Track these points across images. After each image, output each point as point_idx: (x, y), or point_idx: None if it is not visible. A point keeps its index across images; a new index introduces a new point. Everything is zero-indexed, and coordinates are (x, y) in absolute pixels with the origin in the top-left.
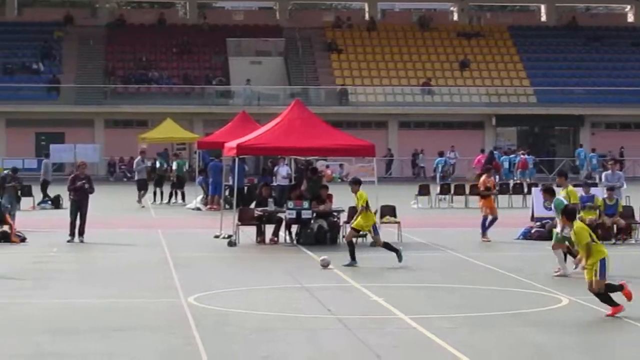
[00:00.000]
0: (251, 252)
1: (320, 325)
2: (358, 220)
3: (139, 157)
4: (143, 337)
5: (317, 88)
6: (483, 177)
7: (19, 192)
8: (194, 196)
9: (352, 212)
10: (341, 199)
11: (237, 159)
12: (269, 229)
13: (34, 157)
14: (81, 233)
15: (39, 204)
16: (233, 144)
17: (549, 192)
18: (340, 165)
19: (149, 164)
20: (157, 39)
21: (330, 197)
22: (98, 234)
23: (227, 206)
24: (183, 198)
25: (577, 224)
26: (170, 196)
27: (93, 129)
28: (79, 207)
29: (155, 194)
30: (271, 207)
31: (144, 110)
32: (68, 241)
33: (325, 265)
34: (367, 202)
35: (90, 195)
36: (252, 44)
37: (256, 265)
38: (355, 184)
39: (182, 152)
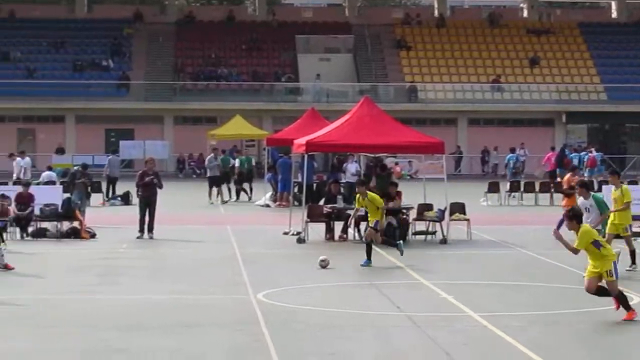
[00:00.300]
0: (320, 249)
1: (388, 322)
2: (370, 220)
3: (211, 154)
4: (211, 333)
5: (386, 85)
6: (567, 176)
7: (89, 189)
8: (263, 193)
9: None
10: (410, 196)
11: (306, 156)
12: (338, 226)
13: (103, 154)
14: (150, 229)
15: (108, 200)
16: (302, 140)
17: (585, 187)
18: (410, 162)
19: (219, 160)
20: (226, 36)
21: (399, 194)
22: (167, 230)
23: (296, 203)
24: (238, 195)
25: (584, 227)
26: (238, 193)
27: (162, 126)
28: (148, 204)
29: (218, 191)
30: (340, 204)
31: (213, 107)
32: (137, 237)
33: (324, 266)
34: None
35: (159, 192)
36: (321, 40)
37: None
38: (361, 185)
39: (247, 149)
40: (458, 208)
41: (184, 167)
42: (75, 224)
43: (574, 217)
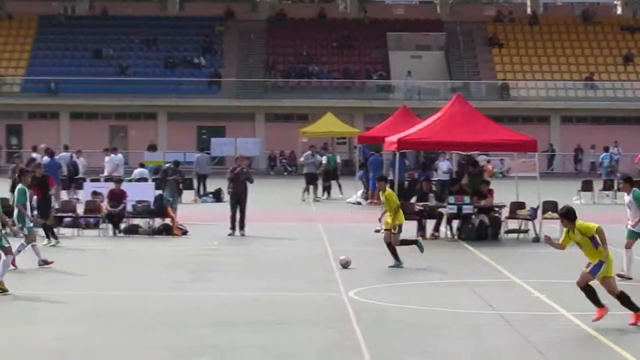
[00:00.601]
0: (411, 247)
1: (481, 321)
2: (387, 220)
3: (308, 152)
4: (303, 330)
5: (478, 83)
6: None
7: (181, 186)
8: (354, 191)
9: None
10: (502, 194)
11: (397, 154)
12: (430, 224)
13: (195, 151)
14: (242, 226)
15: (200, 197)
16: (394, 138)
17: (629, 182)
18: (501, 160)
19: (318, 158)
20: (318, 33)
21: (491, 192)
22: (258, 227)
23: None
24: (328, 193)
25: (580, 223)
26: (324, 190)
27: (254, 123)
28: (239, 201)
29: (308, 189)
30: (432, 201)
31: (305, 104)
32: (229, 234)
33: (345, 265)
34: (399, 205)
35: (250, 189)
36: (413, 38)
37: (416, 261)
38: (381, 180)
39: (332, 147)
40: (551, 206)
41: (275, 164)
42: (167, 220)
43: (564, 215)
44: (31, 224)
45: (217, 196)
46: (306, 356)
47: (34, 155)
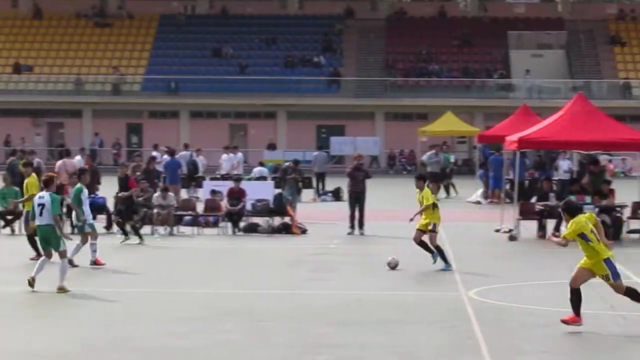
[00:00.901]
0: (532, 247)
1: (601, 321)
2: (421, 221)
3: (432, 151)
4: (423, 330)
5: (600, 81)
6: None
7: (300, 184)
8: (474, 190)
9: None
10: (624, 194)
11: (518, 153)
12: (550, 224)
13: (314, 150)
14: (361, 225)
15: (319, 196)
16: (514, 137)
17: None
18: (623, 160)
19: (441, 157)
20: (437, 32)
21: (612, 192)
22: (378, 226)
23: (507, 200)
24: (447, 192)
25: (575, 218)
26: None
27: (373, 122)
28: (358, 200)
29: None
30: (552, 201)
31: (424, 103)
32: (348, 233)
33: (393, 266)
34: (435, 203)
35: (370, 188)
36: (534, 36)
37: (537, 260)
38: (420, 179)
39: (445, 147)
40: None
41: (394, 163)
42: (287, 219)
43: (565, 210)
44: (91, 222)
45: (336, 195)
46: (426, 355)
47: (154, 153)
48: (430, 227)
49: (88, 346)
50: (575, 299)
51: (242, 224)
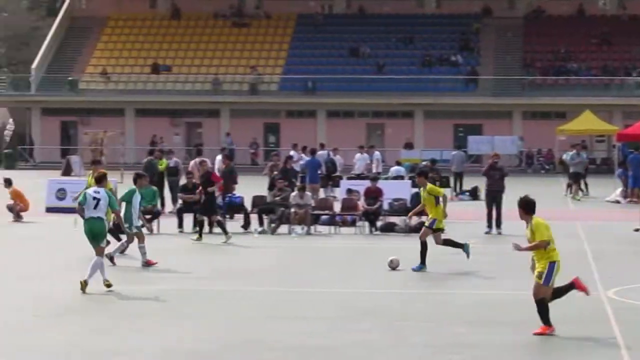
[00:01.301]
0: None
1: None
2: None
3: (573, 151)
4: (560, 330)
5: None
6: None
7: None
8: (613, 189)
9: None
10: None
11: None
12: None
13: (451, 149)
14: (498, 224)
15: (457, 195)
16: None
17: None
18: None
19: (583, 156)
20: (576, 30)
21: None
22: (515, 225)
23: None
24: (586, 188)
25: (537, 219)
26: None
27: (511, 121)
28: (495, 199)
29: (571, 186)
30: None
31: (563, 102)
32: (486, 233)
33: (394, 266)
34: (438, 197)
35: (507, 187)
36: None
37: None
38: (421, 175)
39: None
40: None
41: (532, 162)
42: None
43: (519, 205)
44: (139, 223)
45: (473, 194)
46: (563, 356)
47: (292, 153)
48: (428, 224)
49: (224, 344)
50: (541, 310)
51: (379, 224)
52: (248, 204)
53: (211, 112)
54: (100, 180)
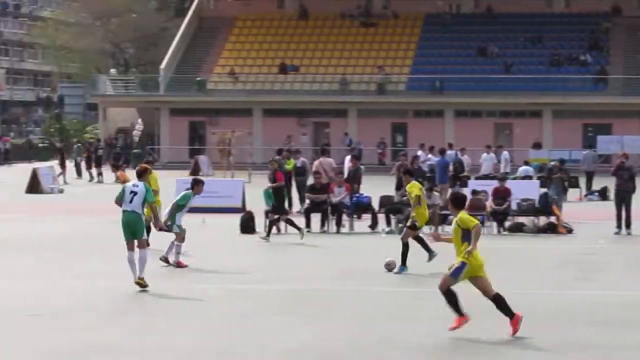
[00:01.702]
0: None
1: None
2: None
3: None
4: None
5: None
6: None
7: (566, 183)
8: None
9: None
10: None
11: None
12: None
13: (580, 149)
14: (628, 225)
15: (586, 196)
16: None
17: None
18: None
19: None
20: None
21: None
22: None
23: None
24: None
25: (462, 214)
26: None
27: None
28: (624, 199)
29: None
30: None
31: None
32: (615, 233)
33: (390, 269)
34: (418, 196)
35: (638, 188)
36: None
37: None
38: (407, 174)
39: None
40: None
41: None
42: (552, 219)
43: (453, 200)
44: (181, 222)
45: (602, 194)
46: None
47: (419, 153)
48: (409, 223)
49: (354, 344)
50: (450, 300)
51: (507, 224)
52: (375, 204)
53: (338, 112)
54: (141, 174)
